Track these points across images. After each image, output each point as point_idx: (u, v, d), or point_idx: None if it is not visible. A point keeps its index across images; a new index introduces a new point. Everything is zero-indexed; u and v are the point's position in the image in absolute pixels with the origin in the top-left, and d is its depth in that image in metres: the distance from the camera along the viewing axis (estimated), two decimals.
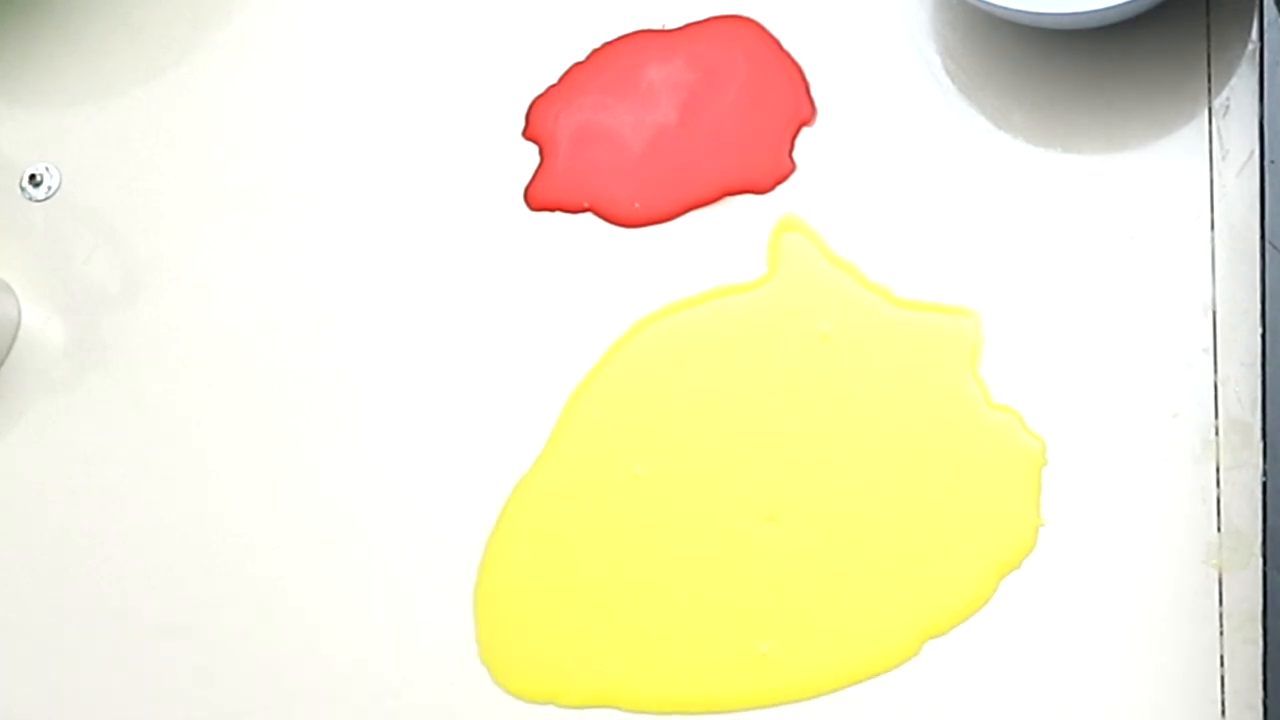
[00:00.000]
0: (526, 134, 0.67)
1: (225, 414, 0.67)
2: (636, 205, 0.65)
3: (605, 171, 0.66)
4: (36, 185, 0.72)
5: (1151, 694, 0.54)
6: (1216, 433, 0.56)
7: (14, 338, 0.70)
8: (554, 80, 0.68)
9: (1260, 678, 0.51)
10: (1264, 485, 0.51)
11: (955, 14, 0.64)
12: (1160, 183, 0.59)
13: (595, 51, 0.68)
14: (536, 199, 0.66)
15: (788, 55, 0.65)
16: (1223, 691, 0.54)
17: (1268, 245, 0.53)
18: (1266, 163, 0.54)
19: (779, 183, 0.64)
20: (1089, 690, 0.55)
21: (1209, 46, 0.60)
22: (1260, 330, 0.53)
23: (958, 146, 0.62)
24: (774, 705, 0.58)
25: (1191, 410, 0.57)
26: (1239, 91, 0.59)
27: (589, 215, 0.65)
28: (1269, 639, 0.50)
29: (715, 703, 0.58)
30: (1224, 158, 0.59)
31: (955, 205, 0.62)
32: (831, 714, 0.57)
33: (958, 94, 0.63)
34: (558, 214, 0.66)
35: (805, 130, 0.64)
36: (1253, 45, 0.59)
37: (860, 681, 0.57)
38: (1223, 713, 0.53)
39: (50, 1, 0.75)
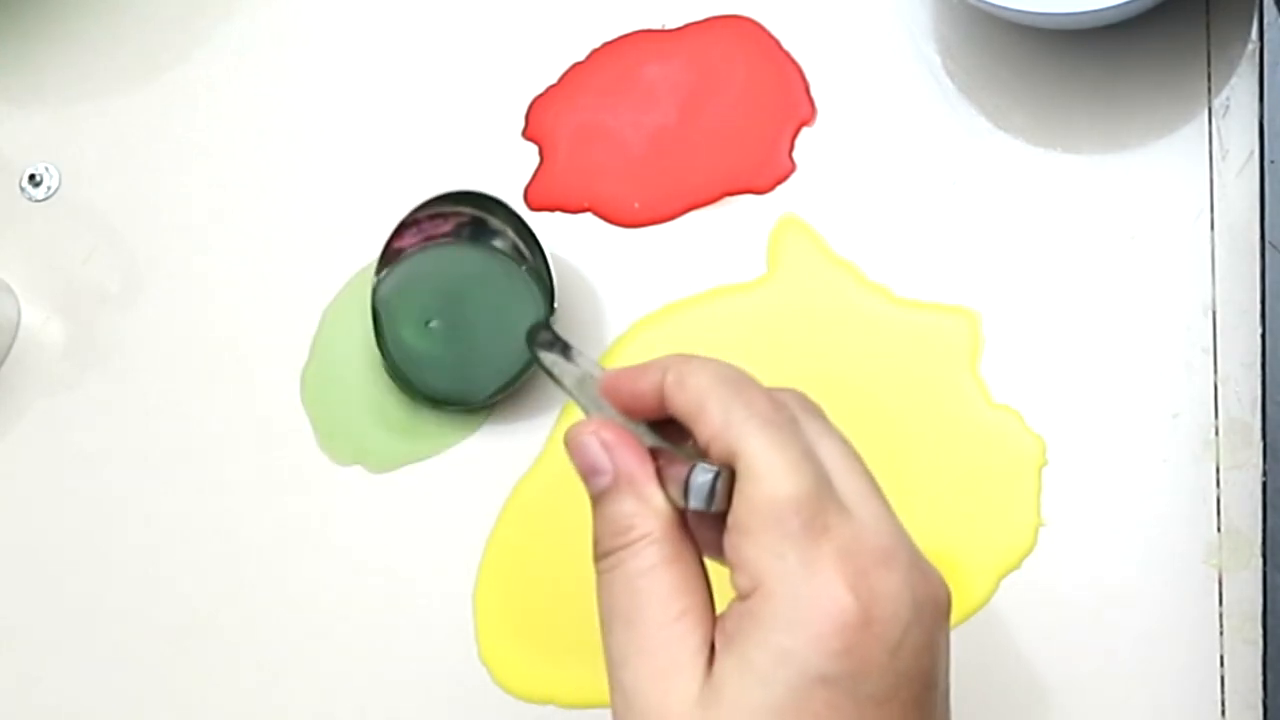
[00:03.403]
0: (526, 134, 0.67)
1: (226, 413, 0.67)
2: (636, 205, 0.65)
3: (605, 171, 0.66)
4: (36, 185, 0.72)
5: (1152, 694, 0.54)
6: (1216, 433, 0.56)
7: (14, 338, 0.70)
8: (554, 80, 0.68)
9: (1260, 678, 0.51)
10: (1264, 485, 0.51)
11: (955, 14, 0.64)
12: (1160, 183, 0.60)
13: (595, 51, 0.68)
14: (536, 199, 0.66)
15: (788, 55, 0.65)
16: (1223, 691, 0.54)
17: (1268, 245, 0.53)
18: (1266, 163, 0.54)
19: (779, 183, 0.64)
20: (1089, 690, 0.55)
21: (1209, 46, 0.60)
22: (1260, 330, 0.53)
23: (958, 147, 0.62)
24: None
25: (1191, 410, 0.57)
26: (1239, 91, 0.59)
27: (589, 215, 0.65)
28: (1269, 639, 0.50)
29: None
30: (1224, 158, 0.59)
31: (955, 205, 0.62)
32: None
33: (958, 94, 0.63)
34: (558, 214, 0.66)
35: (805, 130, 0.64)
36: (1253, 45, 0.59)
37: None
38: (1223, 713, 0.53)
39: (50, 1, 0.75)
